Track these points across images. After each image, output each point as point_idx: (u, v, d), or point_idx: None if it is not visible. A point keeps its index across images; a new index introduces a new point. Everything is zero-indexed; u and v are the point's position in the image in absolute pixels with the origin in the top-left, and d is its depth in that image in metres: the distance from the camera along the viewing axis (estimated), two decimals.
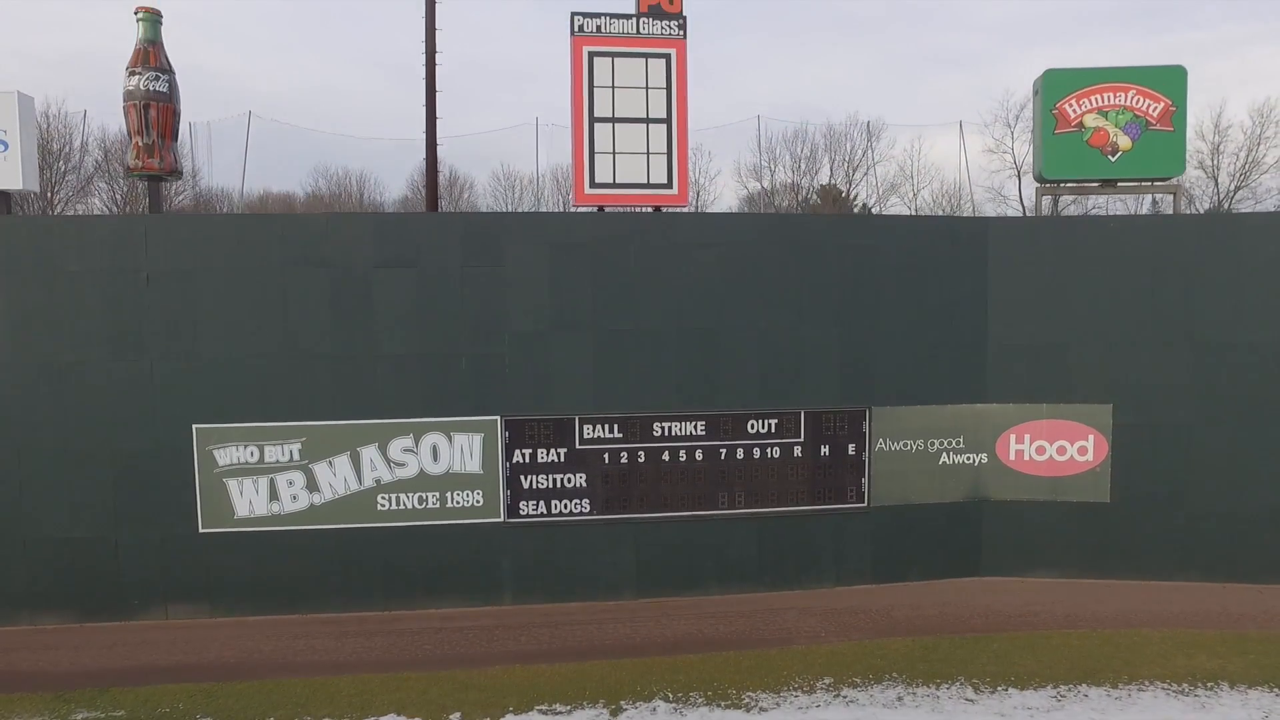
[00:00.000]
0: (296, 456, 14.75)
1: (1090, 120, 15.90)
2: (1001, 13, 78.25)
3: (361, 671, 12.61)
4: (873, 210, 42.42)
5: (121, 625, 14.47)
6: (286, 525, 14.78)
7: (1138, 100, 15.81)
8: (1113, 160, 15.95)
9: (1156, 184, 16.35)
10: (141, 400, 14.35)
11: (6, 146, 13.80)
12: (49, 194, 38.32)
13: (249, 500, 14.73)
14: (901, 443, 16.15)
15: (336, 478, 14.88)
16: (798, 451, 15.93)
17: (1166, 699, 11.47)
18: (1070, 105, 15.98)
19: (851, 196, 45.24)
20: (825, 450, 16.00)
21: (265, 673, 12.60)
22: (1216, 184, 43.93)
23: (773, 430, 15.89)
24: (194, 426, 14.49)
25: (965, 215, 16.65)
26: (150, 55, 14.16)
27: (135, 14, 14.14)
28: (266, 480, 14.72)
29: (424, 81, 24.39)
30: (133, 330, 14.27)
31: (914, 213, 38.24)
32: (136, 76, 14.00)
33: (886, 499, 16.12)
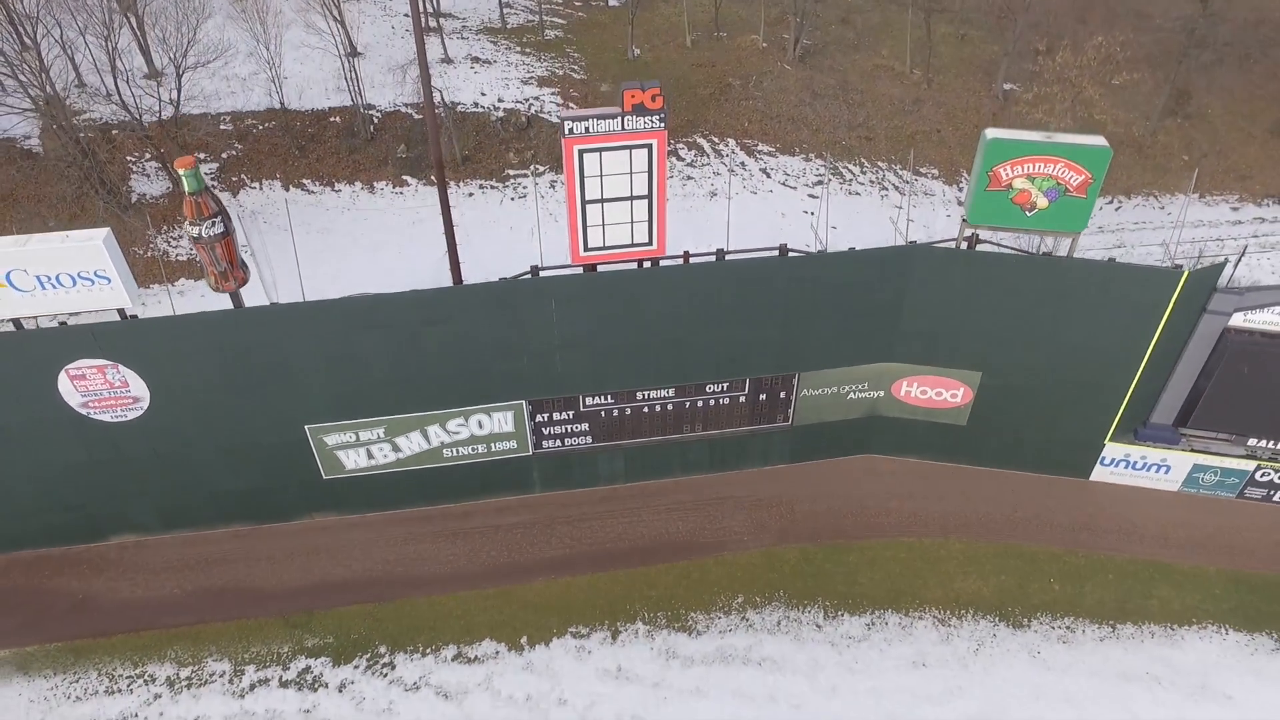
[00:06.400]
0: (382, 435, 20.66)
1: (1019, 183, 18.08)
2: None
3: (459, 587, 20.63)
4: None
5: (285, 526, 22.00)
6: (382, 471, 21.38)
7: (1064, 171, 17.80)
8: (1028, 215, 18.53)
9: (1060, 235, 19.03)
10: (262, 417, 19.74)
11: (110, 280, 16.77)
12: None
13: (354, 460, 21.07)
14: (821, 389, 21.80)
15: (412, 444, 20.98)
16: (742, 399, 21.72)
17: (923, 631, 19.77)
18: (1004, 170, 17.95)
19: None
20: (763, 397, 21.76)
21: (400, 588, 20.63)
22: None
23: (725, 390, 21.45)
24: (305, 427, 20.15)
25: (896, 246, 19.30)
26: (202, 206, 16.13)
27: (179, 171, 15.66)
28: (364, 449, 20.86)
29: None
30: (243, 377, 18.98)
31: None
32: (197, 227, 16.27)
33: (805, 421, 22.39)
